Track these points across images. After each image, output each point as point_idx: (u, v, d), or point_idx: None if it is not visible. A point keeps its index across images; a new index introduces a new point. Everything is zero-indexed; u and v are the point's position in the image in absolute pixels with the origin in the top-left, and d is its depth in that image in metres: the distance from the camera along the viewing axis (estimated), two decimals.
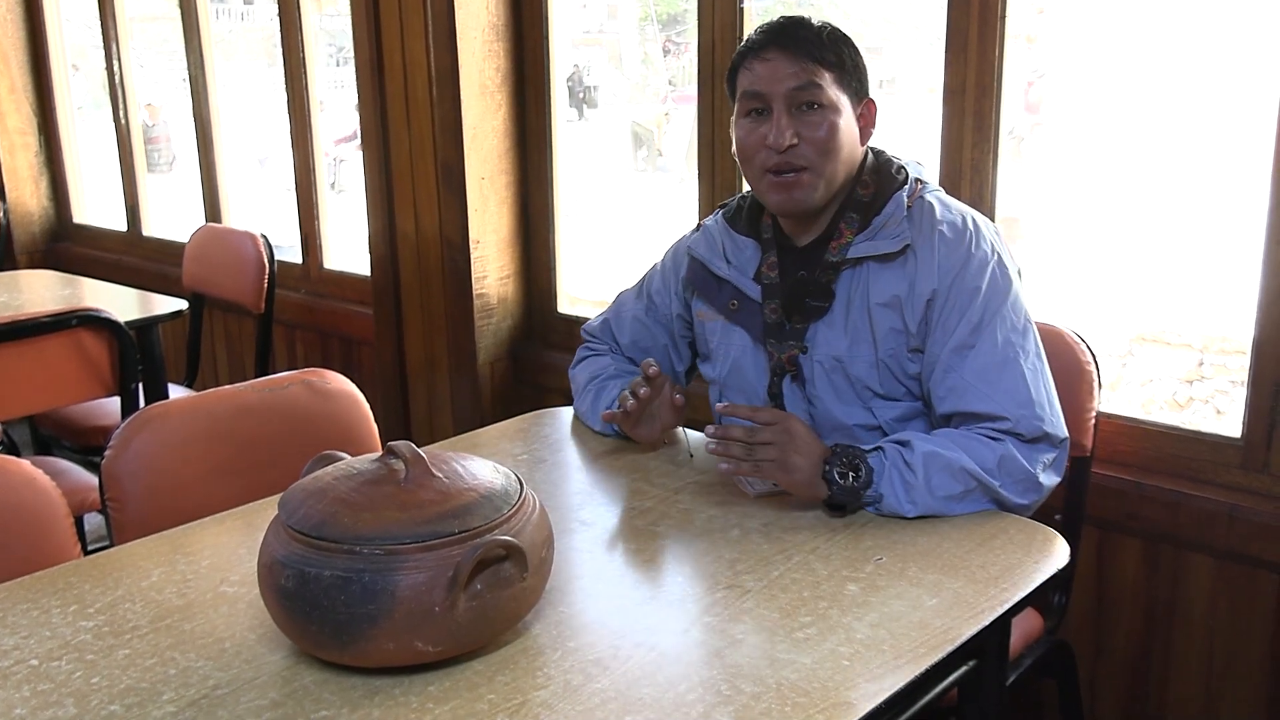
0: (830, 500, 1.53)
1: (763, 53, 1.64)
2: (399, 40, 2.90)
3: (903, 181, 1.68)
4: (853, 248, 1.65)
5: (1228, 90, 6.69)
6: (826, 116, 1.62)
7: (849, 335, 1.66)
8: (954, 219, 1.63)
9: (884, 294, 1.63)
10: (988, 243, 1.62)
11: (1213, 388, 4.72)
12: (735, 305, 1.76)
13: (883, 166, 1.70)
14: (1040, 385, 1.59)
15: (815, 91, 1.62)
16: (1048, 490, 1.57)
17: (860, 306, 1.65)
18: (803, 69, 1.61)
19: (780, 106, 1.62)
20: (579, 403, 1.93)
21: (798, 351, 1.68)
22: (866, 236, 1.65)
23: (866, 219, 1.66)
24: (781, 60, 1.62)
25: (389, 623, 1.12)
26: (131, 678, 1.18)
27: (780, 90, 1.62)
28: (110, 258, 4.40)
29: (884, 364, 1.64)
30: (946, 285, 1.59)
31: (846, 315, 1.66)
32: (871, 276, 1.64)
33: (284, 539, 1.18)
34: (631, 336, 1.94)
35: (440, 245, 2.96)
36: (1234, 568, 1.95)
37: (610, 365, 1.93)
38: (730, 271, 1.76)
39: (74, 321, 2.36)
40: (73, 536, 1.55)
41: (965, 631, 1.25)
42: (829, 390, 1.68)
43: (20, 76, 4.47)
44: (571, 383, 1.98)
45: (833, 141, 1.62)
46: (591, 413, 1.87)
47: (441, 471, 1.22)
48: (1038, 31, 7.71)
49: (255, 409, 1.81)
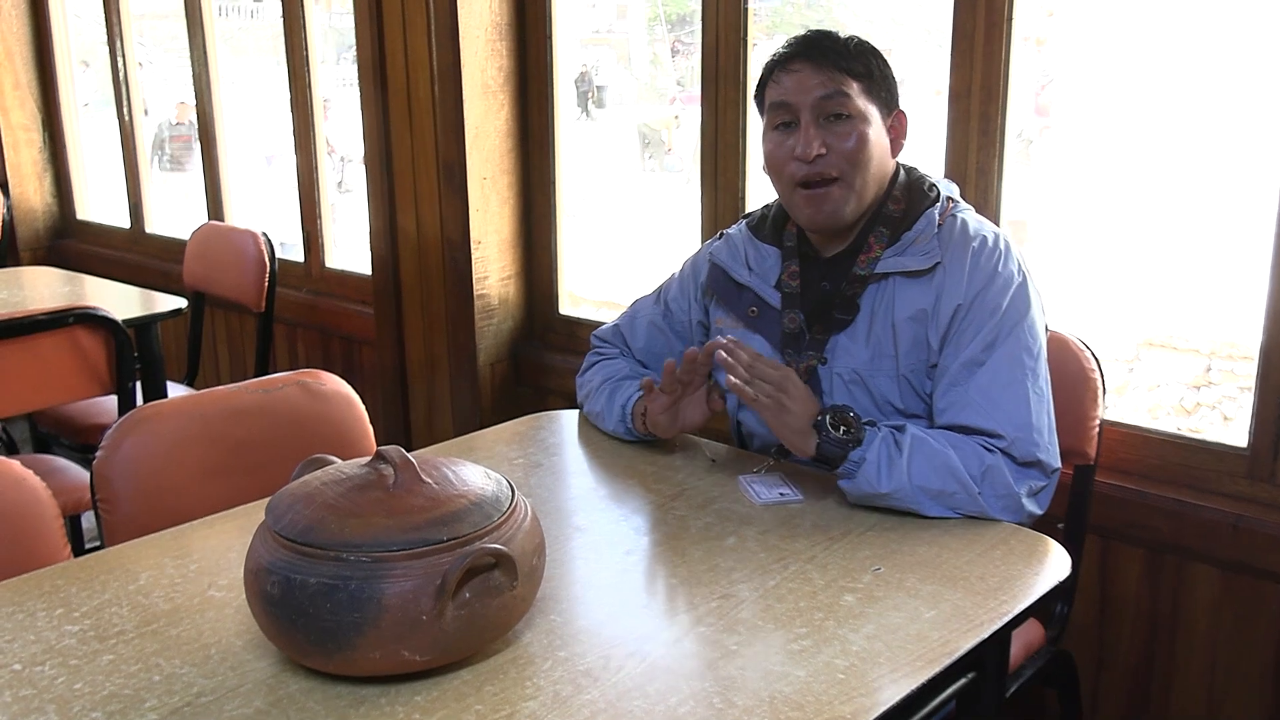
0: (819, 452, 1.53)
1: (790, 64, 1.64)
2: (401, 39, 2.89)
3: (935, 199, 1.67)
4: (881, 262, 1.64)
5: (1238, 95, 6.66)
6: (855, 126, 1.62)
7: (870, 349, 1.65)
8: (985, 235, 1.63)
9: (910, 308, 1.62)
10: (1015, 263, 1.62)
11: (1220, 394, 4.70)
12: (755, 312, 1.75)
13: (915, 184, 1.70)
14: (1042, 412, 1.58)
15: (842, 101, 1.61)
16: (1029, 516, 1.55)
17: (884, 320, 1.64)
18: (829, 79, 1.61)
19: (808, 117, 1.62)
20: (591, 404, 1.88)
21: (816, 363, 1.67)
22: (895, 251, 1.64)
23: (896, 234, 1.65)
24: (808, 71, 1.62)
25: (375, 631, 1.10)
26: (115, 684, 1.17)
27: (807, 101, 1.62)
28: (113, 255, 4.39)
29: (905, 379, 1.64)
30: (970, 300, 1.59)
31: (869, 329, 1.65)
32: (898, 291, 1.63)
33: (270, 544, 1.16)
34: (646, 342, 1.92)
35: (441, 245, 2.94)
36: (1238, 579, 1.92)
37: (625, 367, 1.90)
38: (751, 278, 1.75)
39: (70, 319, 2.35)
40: (62, 538, 1.53)
41: (963, 644, 1.23)
42: (848, 402, 1.66)
43: (25, 73, 4.46)
44: (580, 389, 1.94)
45: (862, 152, 1.62)
46: (606, 413, 1.82)
47: (431, 477, 1.20)
48: (1048, 34, 7.68)
49: (249, 410, 1.79)
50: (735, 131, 2.51)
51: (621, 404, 1.79)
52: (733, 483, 1.66)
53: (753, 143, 2.52)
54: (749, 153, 2.52)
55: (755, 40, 2.48)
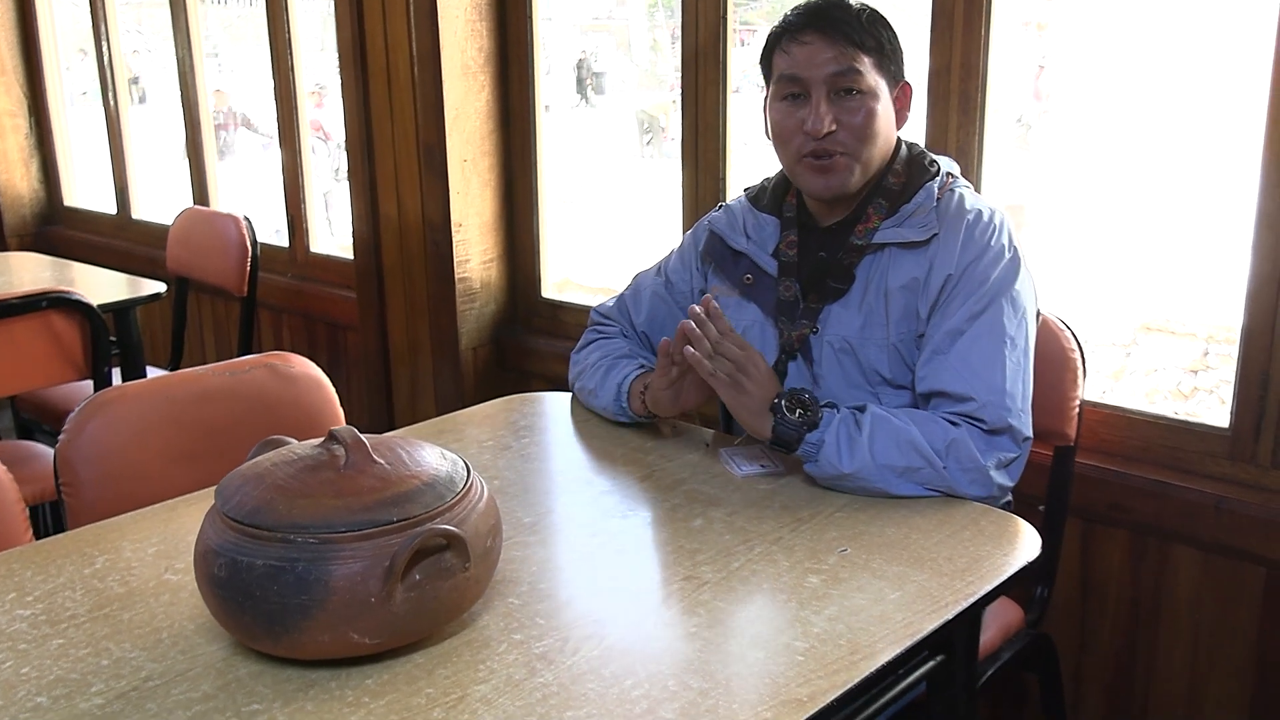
0: (774, 435, 1.52)
1: (800, 35, 1.61)
2: (381, 19, 2.86)
3: (935, 174, 1.66)
4: (879, 233, 1.64)
5: (1235, 79, 6.61)
6: (865, 103, 1.60)
7: (862, 316, 1.64)
8: (982, 210, 1.62)
9: (903, 277, 1.61)
10: (1007, 237, 1.61)
11: (1217, 377, 4.68)
12: (750, 280, 1.75)
13: (916, 159, 1.69)
14: (1019, 380, 1.56)
15: (855, 77, 1.59)
16: (999, 488, 1.53)
17: (878, 289, 1.63)
18: (842, 54, 1.58)
19: (819, 92, 1.60)
20: (584, 380, 1.84)
21: (808, 331, 1.67)
22: (894, 223, 1.63)
23: (895, 206, 1.64)
24: (820, 44, 1.59)
25: (323, 614, 1.08)
26: (62, 668, 1.15)
27: (819, 75, 1.59)
28: (100, 241, 4.36)
29: (895, 348, 1.62)
30: (960, 271, 1.58)
31: (862, 297, 1.64)
32: (892, 261, 1.63)
33: (219, 526, 1.14)
34: (649, 313, 1.89)
35: (422, 228, 2.91)
36: (1220, 560, 1.90)
37: (624, 345, 1.87)
38: (749, 246, 1.75)
39: (43, 304, 2.32)
40: (24, 523, 1.51)
41: (927, 626, 1.21)
42: (836, 372, 1.66)
43: (10, 58, 4.43)
44: (573, 365, 1.90)
45: (870, 127, 1.61)
46: (600, 389, 1.79)
47: (384, 458, 1.18)
48: (1048, 19, 7.62)
49: (216, 393, 1.77)
50: (715, 112, 2.48)
51: (618, 382, 1.76)
52: (704, 465, 1.64)
53: (733, 123, 2.49)
54: (729, 133, 2.49)
55: (735, 26, 2.45)
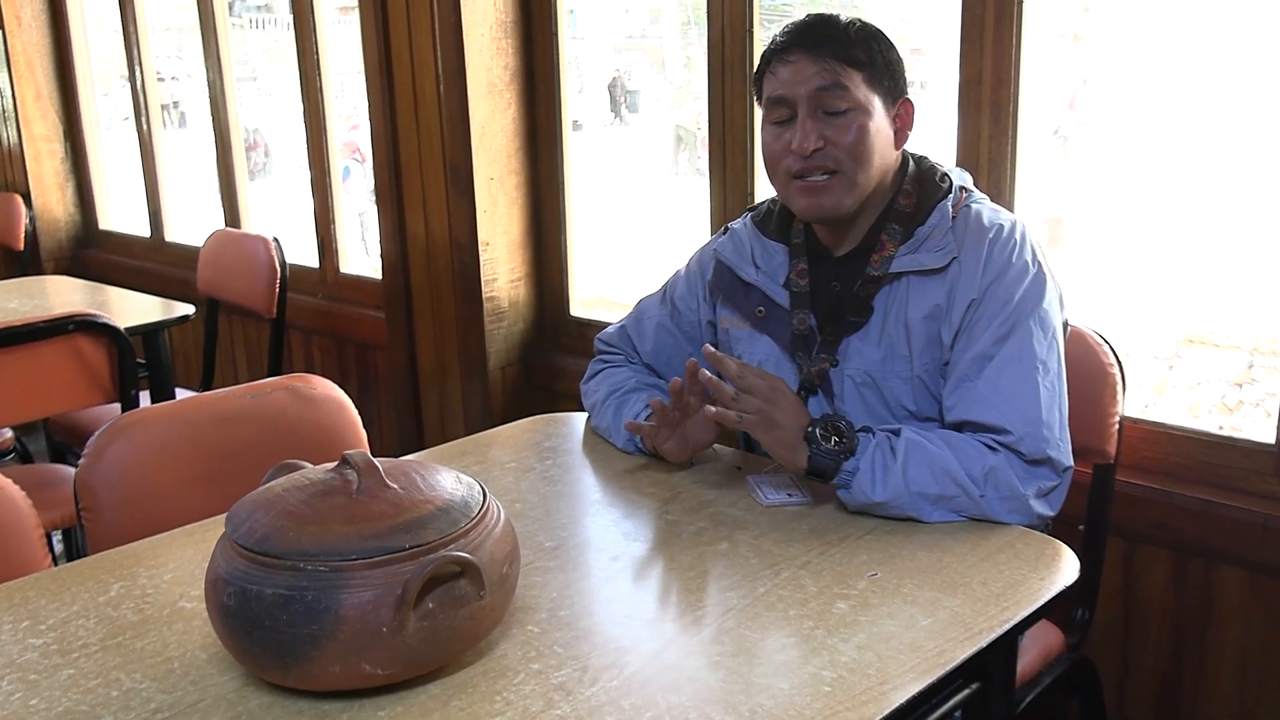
0: (811, 465, 1.46)
1: (786, 54, 1.56)
2: (406, 38, 2.85)
3: (947, 190, 1.59)
4: (896, 261, 1.56)
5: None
6: (855, 119, 1.53)
7: (883, 349, 1.57)
8: (1001, 224, 1.55)
9: (925, 307, 1.54)
10: (1030, 253, 1.54)
11: (1263, 390, 4.57)
12: (762, 312, 1.68)
13: (925, 175, 1.61)
14: (1054, 408, 1.49)
15: (841, 93, 1.53)
16: (1039, 518, 1.47)
17: (897, 319, 1.56)
18: (827, 69, 1.53)
19: (805, 110, 1.54)
20: (597, 419, 1.81)
21: (828, 365, 1.60)
22: (910, 249, 1.56)
23: (910, 230, 1.57)
24: (805, 61, 1.54)
25: (333, 644, 1.06)
26: (71, 699, 1.13)
27: (804, 93, 1.54)
28: (134, 264, 4.39)
29: (920, 380, 1.56)
30: (983, 292, 1.51)
31: (882, 329, 1.57)
32: (911, 290, 1.56)
33: (228, 554, 1.12)
34: (655, 344, 1.83)
35: (449, 247, 2.90)
36: (1268, 581, 1.84)
37: (631, 378, 1.81)
38: (759, 277, 1.68)
39: (70, 327, 2.32)
40: (43, 549, 1.50)
41: (960, 654, 1.16)
42: (859, 405, 1.60)
43: (45, 84, 4.48)
44: (585, 398, 1.86)
45: (863, 145, 1.53)
46: (614, 429, 1.75)
47: (398, 482, 1.15)
48: (1085, 30, 7.54)
49: (237, 416, 1.75)
50: (742, 125, 2.45)
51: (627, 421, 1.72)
52: (730, 486, 1.60)
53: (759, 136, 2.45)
54: (755, 146, 2.45)
55: (761, 40, 2.41)
